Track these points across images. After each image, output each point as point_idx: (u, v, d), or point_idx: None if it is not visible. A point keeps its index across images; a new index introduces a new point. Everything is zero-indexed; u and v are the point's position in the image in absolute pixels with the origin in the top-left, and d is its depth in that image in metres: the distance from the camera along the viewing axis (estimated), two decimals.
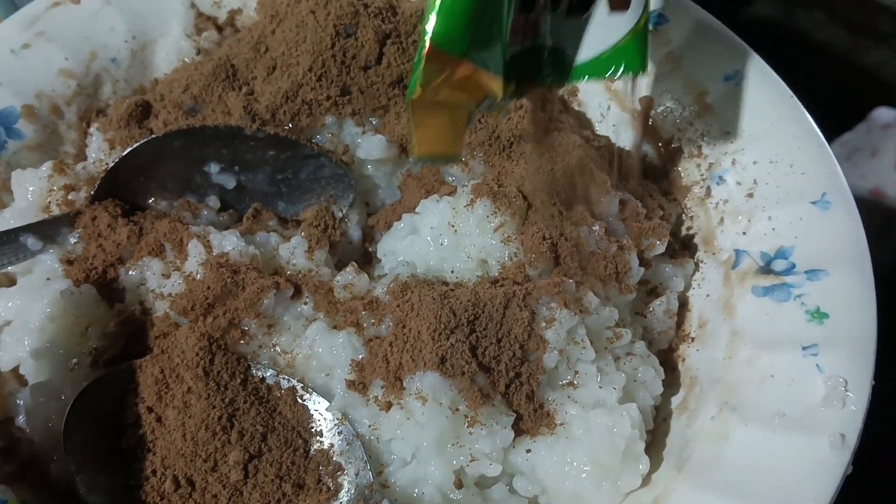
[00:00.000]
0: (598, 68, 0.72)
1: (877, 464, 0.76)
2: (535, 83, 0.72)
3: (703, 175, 0.92)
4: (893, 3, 1.34)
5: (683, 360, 0.85)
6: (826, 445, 0.68)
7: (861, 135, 1.19)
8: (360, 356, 0.75)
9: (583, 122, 1.02)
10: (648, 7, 0.72)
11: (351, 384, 0.75)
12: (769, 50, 0.93)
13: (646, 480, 0.75)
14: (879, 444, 0.73)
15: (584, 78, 0.73)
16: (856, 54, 1.35)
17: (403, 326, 0.74)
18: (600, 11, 0.70)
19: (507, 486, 0.75)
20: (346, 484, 0.73)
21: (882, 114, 1.21)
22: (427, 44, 0.59)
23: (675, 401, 0.82)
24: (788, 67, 0.91)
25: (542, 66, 0.70)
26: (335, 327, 0.78)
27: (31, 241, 0.81)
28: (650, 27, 0.98)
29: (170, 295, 0.78)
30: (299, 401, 0.76)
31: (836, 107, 0.88)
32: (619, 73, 0.72)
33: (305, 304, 0.79)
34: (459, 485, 0.73)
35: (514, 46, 0.66)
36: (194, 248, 0.79)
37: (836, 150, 0.95)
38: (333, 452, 0.74)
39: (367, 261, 0.91)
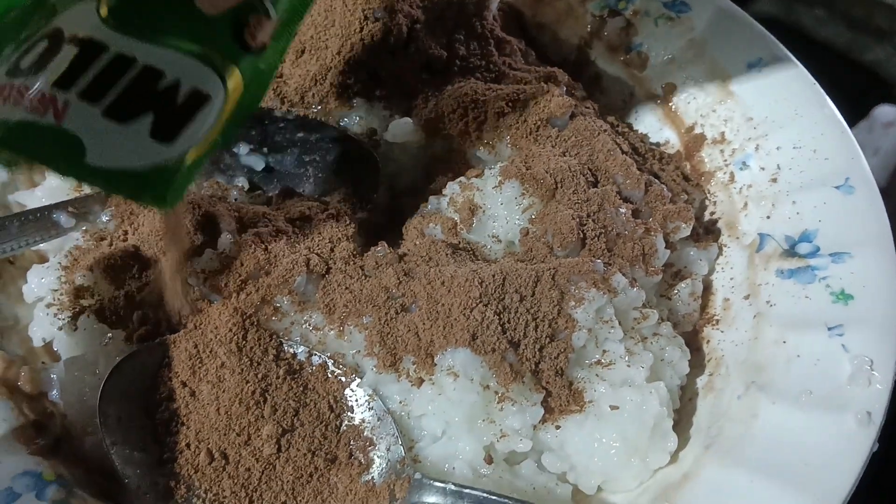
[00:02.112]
0: (118, 183, 0.59)
1: None
2: (42, 162, 0.61)
3: (726, 160, 0.93)
4: (894, 1, 1.35)
5: (708, 341, 0.86)
6: (853, 423, 0.69)
7: (863, 133, 1.20)
8: (392, 332, 0.76)
9: (606, 108, 1.03)
10: (201, 152, 0.60)
11: (382, 361, 0.76)
12: None
13: (674, 458, 0.76)
14: None
15: (96, 184, 0.65)
16: (857, 51, 1.36)
17: (435, 302, 0.75)
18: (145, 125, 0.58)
19: (536, 462, 0.76)
20: (377, 459, 0.74)
21: (884, 112, 1.21)
22: None
23: (701, 381, 0.83)
24: None
25: (54, 150, 0.58)
26: None
27: (63, 219, 0.82)
28: (673, 14, 0.99)
29: (203, 272, 0.78)
30: (330, 377, 0.77)
31: (837, 105, 0.89)
32: (139, 199, 0.64)
33: None
34: (489, 460, 0.73)
35: (11, 109, 0.56)
36: (227, 225, 0.80)
37: None
38: (365, 427, 0.75)
39: (393, 242, 0.91)
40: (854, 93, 1.20)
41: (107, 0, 0.56)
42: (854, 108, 0.89)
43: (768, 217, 0.87)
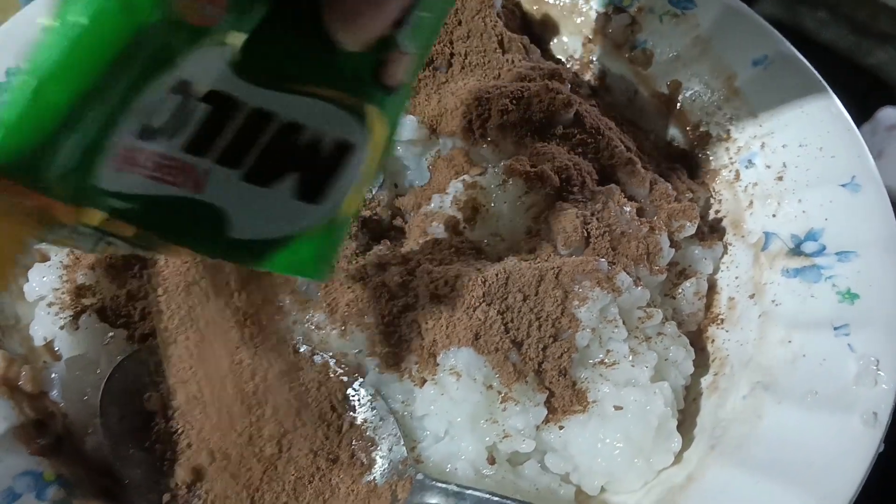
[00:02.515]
0: (266, 256, 0.55)
1: None
2: (179, 241, 0.53)
3: (731, 158, 0.93)
4: None
5: (713, 341, 0.85)
6: (859, 423, 0.68)
7: (866, 135, 1.19)
8: (395, 332, 0.76)
9: (610, 106, 1.02)
10: (353, 205, 0.56)
11: (384, 360, 0.75)
12: None
13: (678, 458, 0.75)
14: None
15: (245, 263, 0.57)
16: (860, 54, 1.36)
17: (438, 302, 0.75)
18: (291, 187, 0.53)
19: (539, 463, 0.75)
20: (379, 459, 0.73)
21: (888, 114, 1.21)
22: None
23: (706, 381, 0.82)
24: None
25: (195, 227, 0.52)
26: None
27: None
28: (678, 11, 0.99)
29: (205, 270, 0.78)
30: (332, 376, 0.76)
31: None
32: (291, 272, 0.58)
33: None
34: (492, 461, 0.73)
35: (149, 182, 0.48)
36: None
37: None
38: (367, 428, 0.75)
39: (395, 241, 0.91)
40: (857, 95, 1.19)
41: (236, 46, 0.47)
42: (857, 111, 0.89)
43: (774, 215, 0.86)
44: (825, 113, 0.88)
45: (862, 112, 1.20)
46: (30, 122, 0.41)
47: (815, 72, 0.90)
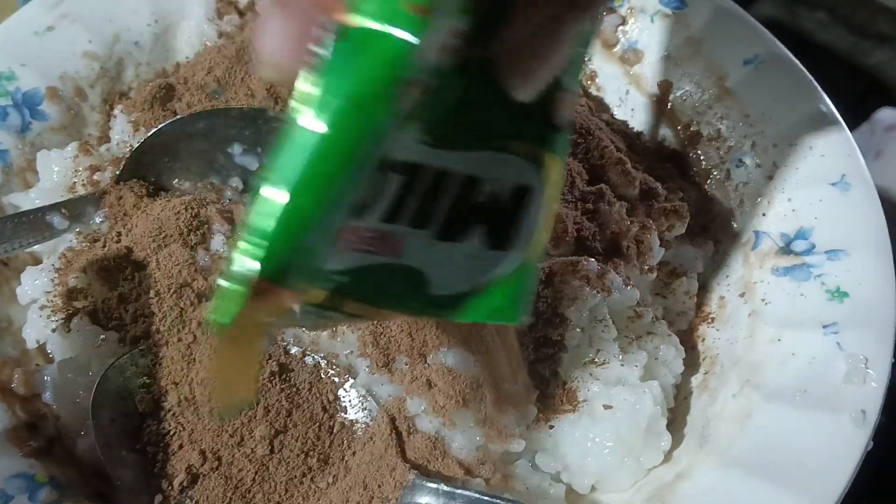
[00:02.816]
0: (465, 307, 0.56)
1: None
2: (386, 305, 0.55)
3: (722, 158, 0.93)
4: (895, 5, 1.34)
5: (703, 340, 0.85)
6: (848, 422, 0.69)
7: (864, 136, 1.19)
8: (385, 332, 0.76)
9: (601, 105, 1.03)
10: (538, 247, 0.57)
11: (375, 361, 0.75)
12: None
13: (668, 457, 0.75)
14: None
15: (446, 316, 0.59)
16: (858, 55, 1.36)
17: None
18: (479, 238, 0.54)
19: (530, 462, 0.75)
20: None
21: (886, 115, 1.21)
22: (252, 277, 0.44)
23: (696, 380, 0.83)
24: None
25: (398, 290, 0.54)
26: None
27: (57, 220, 0.82)
28: (669, 11, 0.99)
29: (196, 272, 0.78)
30: (323, 377, 0.76)
31: (838, 108, 0.88)
32: (490, 319, 0.58)
33: None
34: (483, 460, 0.73)
35: (358, 256, 0.50)
36: (219, 226, 0.80)
37: None
38: (358, 428, 0.75)
39: None
40: (856, 96, 1.20)
41: (418, 118, 0.48)
42: (855, 112, 0.89)
43: (764, 214, 0.86)
44: (815, 112, 0.88)
45: (860, 112, 1.20)
46: (285, 230, 0.43)
47: (806, 71, 0.90)
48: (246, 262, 0.44)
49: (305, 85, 0.42)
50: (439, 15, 0.42)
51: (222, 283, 0.45)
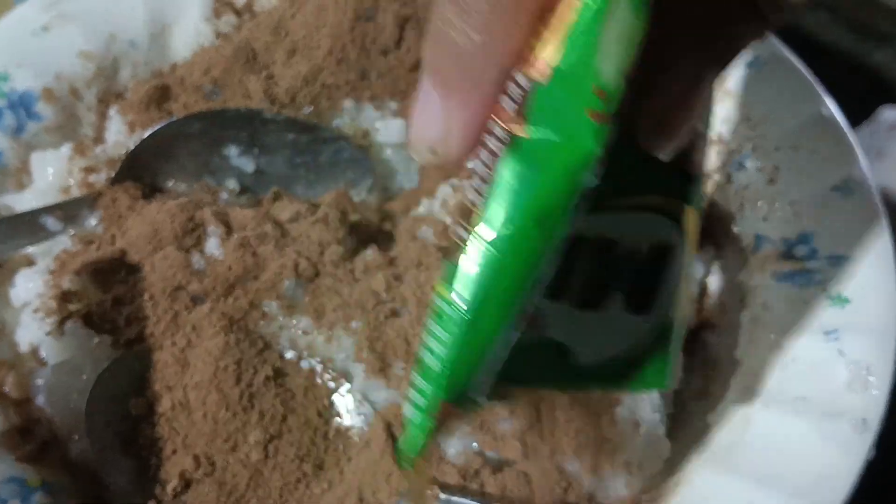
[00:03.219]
0: (610, 377, 0.54)
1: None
2: (534, 384, 0.55)
3: (723, 161, 0.92)
4: None
5: (702, 345, 0.85)
6: (849, 429, 0.68)
7: (866, 136, 1.18)
8: (381, 337, 0.75)
9: None
10: (682, 306, 0.54)
11: (371, 366, 0.75)
12: None
13: (666, 464, 0.75)
14: None
15: (592, 388, 0.59)
16: (860, 55, 1.35)
17: (425, 307, 0.74)
18: (619, 303, 0.52)
19: None
20: None
21: (888, 115, 1.20)
22: (437, 405, 0.45)
23: (695, 386, 0.82)
24: None
25: (544, 367, 0.53)
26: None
27: (51, 222, 0.81)
28: None
29: (191, 275, 0.78)
30: (319, 382, 0.76)
31: (840, 108, 0.87)
32: (637, 388, 0.58)
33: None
34: (480, 465, 0.73)
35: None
36: (214, 229, 0.79)
37: None
38: (353, 433, 0.74)
39: (384, 246, 0.90)
40: (857, 96, 1.19)
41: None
42: (857, 111, 0.88)
43: (765, 219, 0.85)
44: (818, 115, 0.87)
45: (862, 112, 1.19)
46: (469, 352, 0.42)
47: (808, 74, 0.89)
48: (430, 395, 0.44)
49: (476, 200, 0.40)
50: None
51: (410, 416, 0.46)
